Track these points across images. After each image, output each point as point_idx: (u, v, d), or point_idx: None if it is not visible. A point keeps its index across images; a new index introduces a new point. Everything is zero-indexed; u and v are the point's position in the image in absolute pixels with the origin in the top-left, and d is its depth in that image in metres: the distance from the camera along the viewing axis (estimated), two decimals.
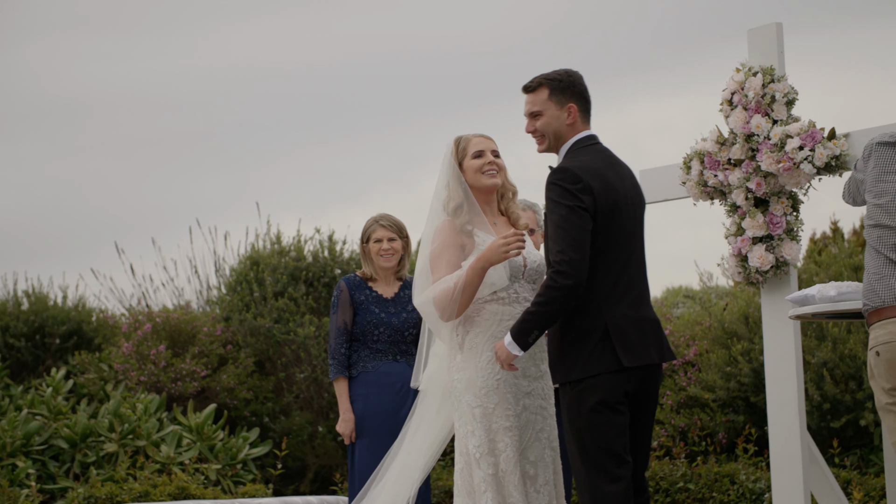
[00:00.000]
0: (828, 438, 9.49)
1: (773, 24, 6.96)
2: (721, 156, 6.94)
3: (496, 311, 5.22)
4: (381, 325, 6.87)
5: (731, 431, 9.98)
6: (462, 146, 5.42)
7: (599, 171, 4.98)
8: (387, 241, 6.91)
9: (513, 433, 5.13)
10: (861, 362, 9.36)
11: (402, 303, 6.95)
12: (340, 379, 6.88)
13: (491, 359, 5.14)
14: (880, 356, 4.79)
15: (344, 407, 6.86)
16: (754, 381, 9.72)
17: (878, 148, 4.96)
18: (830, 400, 9.37)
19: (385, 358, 6.90)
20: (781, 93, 6.80)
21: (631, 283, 4.97)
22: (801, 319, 6.08)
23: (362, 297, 6.91)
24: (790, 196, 6.87)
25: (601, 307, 4.88)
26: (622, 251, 4.97)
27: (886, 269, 4.82)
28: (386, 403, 6.85)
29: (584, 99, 5.16)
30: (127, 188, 20.81)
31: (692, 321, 11.06)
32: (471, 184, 5.38)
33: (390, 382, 6.87)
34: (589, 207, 4.86)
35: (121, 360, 11.75)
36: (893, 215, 4.83)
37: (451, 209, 5.35)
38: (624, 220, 4.99)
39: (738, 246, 6.92)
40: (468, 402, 5.17)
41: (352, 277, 6.97)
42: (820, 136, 6.62)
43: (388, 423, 6.81)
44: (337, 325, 6.91)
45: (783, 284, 6.90)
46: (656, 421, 10.14)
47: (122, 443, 10.03)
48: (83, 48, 19.96)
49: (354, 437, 6.85)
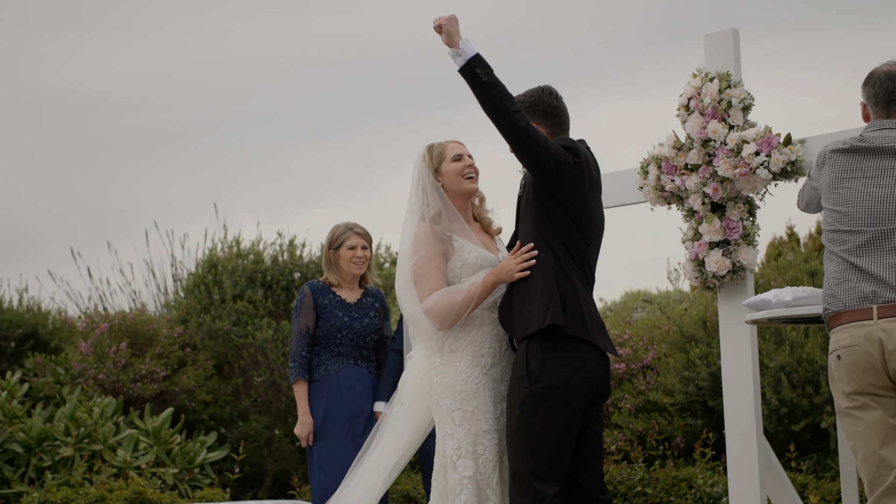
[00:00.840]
0: (785, 442, 9.55)
1: (730, 31, 7.00)
2: (678, 161, 6.98)
3: (477, 316, 5.28)
4: (344, 329, 6.92)
5: (689, 435, 10.02)
6: (438, 151, 5.44)
7: (588, 161, 5.17)
8: (360, 248, 7.01)
9: (493, 436, 5.17)
10: (819, 366, 9.42)
11: (365, 308, 7.01)
12: (301, 381, 6.90)
13: (470, 364, 5.20)
14: (841, 360, 4.83)
15: (303, 409, 6.87)
16: (712, 385, 9.77)
17: (832, 155, 5.01)
18: (788, 404, 9.42)
19: (346, 362, 6.94)
20: (738, 98, 6.84)
21: (586, 280, 5.12)
22: (757, 324, 6.12)
23: (326, 301, 6.95)
24: (747, 201, 6.91)
25: (574, 282, 5.01)
26: (584, 251, 5.12)
27: (847, 273, 4.86)
28: (347, 407, 6.89)
29: (551, 115, 5.25)
30: (83, 190, 20.70)
31: (651, 325, 11.10)
32: (451, 188, 5.41)
33: (351, 386, 6.91)
34: (574, 169, 5.04)
35: (79, 359, 11.67)
36: (853, 221, 4.88)
37: (431, 216, 5.37)
38: (594, 224, 5.19)
39: (696, 251, 6.96)
40: (447, 406, 5.21)
41: (315, 283, 7.03)
42: (776, 141, 6.67)
43: (347, 427, 6.86)
44: (299, 329, 6.94)
45: (740, 289, 6.94)
46: (614, 425, 10.18)
47: (77, 447, 9.98)
48: (42, 47, 19.84)
49: (312, 441, 6.87)
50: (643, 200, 7.26)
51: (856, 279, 4.84)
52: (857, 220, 4.88)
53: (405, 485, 9.78)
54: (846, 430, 4.90)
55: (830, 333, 4.93)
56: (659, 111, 24.26)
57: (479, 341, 5.23)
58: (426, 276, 5.27)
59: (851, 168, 4.94)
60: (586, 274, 5.12)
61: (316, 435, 6.88)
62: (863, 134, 4.99)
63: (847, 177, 4.94)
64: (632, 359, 10.57)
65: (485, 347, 5.22)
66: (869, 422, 4.81)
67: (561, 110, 5.27)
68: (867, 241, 4.84)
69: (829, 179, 5.00)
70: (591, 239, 5.17)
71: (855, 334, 4.80)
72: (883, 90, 5.01)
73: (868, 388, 4.81)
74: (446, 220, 5.36)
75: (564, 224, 5.06)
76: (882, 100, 5.01)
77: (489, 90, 4.93)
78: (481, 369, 5.20)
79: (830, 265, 4.95)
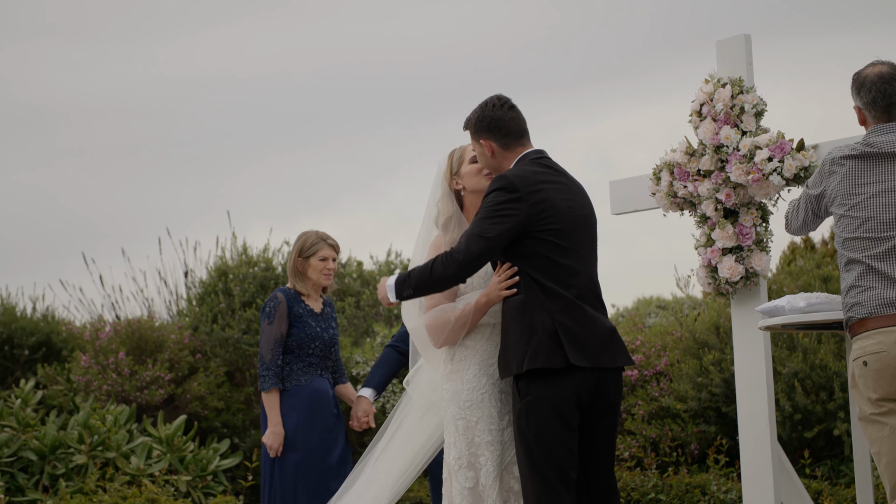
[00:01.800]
0: (799, 449, 9.55)
1: (742, 36, 7.01)
2: (690, 167, 6.99)
3: (488, 324, 5.25)
4: (316, 339, 6.96)
5: (703, 442, 10.01)
6: (458, 155, 5.46)
7: (540, 182, 5.07)
8: (332, 260, 7.05)
9: (494, 448, 5.14)
10: (832, 372, 9.41)
11: (328, 319, 7.10)
12: (275, 391, 6.88)
13: (477, 373, 5.19)
14: (868, 366, 4.82)
15: (276, 420, 6.85)
16: (725, 392, 9.76)
17: (842, 161, 5.00)
18: (802, 410, 9.41)
19: (315, 372, 6.99)
20: (750, 104, 6.85)
21: (580, 292, 5.05)
22: (770, 330, 6.13)
23: (300, 310, 6.98)
24: (759, 207, 6.92)
25: (551, 312, 4.96)
26: (569, 261, 5.05)
27: (871, 279, 4.86)
28: (319, 419, 6.92)
29: (497, 128, 5.21)
30: (96, 197, 20.74)
31: (663, 331, 11.09)
32: (472, 188, 5.41)
33: (321, 398, 6.96)
34: (519, 216, 4.96)
35: (81, 372, 11.70)
36: (876, 227, 4.88)
37: (442, 223, 5.39)
38: (569, 230, 5.07)
39: (708, 257, 6.96)
40: (452, 414, 5.21)
41: (287, 289, 7.04)
42: (789, 147, 6.68)
43: (318, 440, 6.88)
44: (274, 336, 6.91)
45: (753, 295, 6.94)
46: (627, 431, 10.18)
47: (91, 454, 10.00)
48: (51, 55, 19.91)
49: (281, 451, 6.87)
50: (656, 206, 7.27)
51: (882, 285, 4.83)
52: (880, 225, 4.87)
53: (417, 492, 9.79)
54: (870, 437, 4.89)
55: (854, 340, 4.91)
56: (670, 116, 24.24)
57: (488, 350, 5.22)
58: None
59: (865, 174, 4.94)
60: (579, 288, 5.05)
61: (286, 446, 6.88)
62: (868, 139, 4.98)
63: (863, 182, 4.94)
64: (644, 365, 10.57)
65: (493, 358, 5.21)
66: (895, 427, 4.81)
67: (507, 121, 5.21)
68: (893, 247, 4.84)
69: (842, 186, 4.99)
70: (577, 245, 5.10)
71: (883, 340, 4.80)
72: (881, 95, 4.99)
73: (895, 395, 4.81)
74: (457, 227, 5.37)
75: (537, 251, 5.03)
76: (881, 104, 5.00)
77: (423, 286, 5.07)
78: (488, 379, 5.18)
79: (851, 272, 4.94)
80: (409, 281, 5.05)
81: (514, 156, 5.22)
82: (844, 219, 4.97)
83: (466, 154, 5.44)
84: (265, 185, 21.25)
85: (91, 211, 20.55)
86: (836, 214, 5.02)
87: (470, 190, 5.41)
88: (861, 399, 4.91)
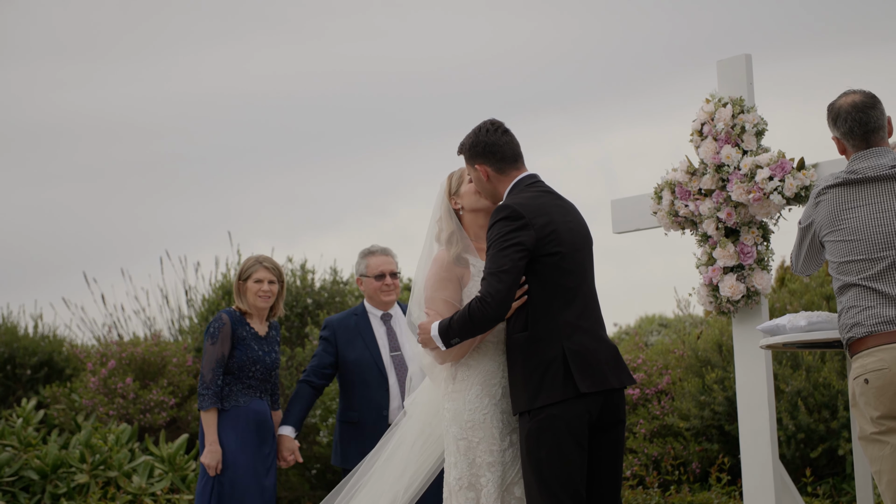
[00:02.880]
0: (801, 468, 9.55)
1: (743, 56, 7.05)
2: (692, 186, 7.02)
3: (491, 343, 5.26)
4: (258, 363, 7.08)
5: (705, 460, 10.02)
6: (457, 176, 5.51)
7: (541, 207, 5.12)
8: (267, 283, 7.18)
9: (496, 468, 5.14)
10: (836, 391, 9.42)
11: (271, 342, 7.21)
12: (213, 410, 7.02)
13: (479, 393, 5.19)
14: (869, 384, 4.84)
15: (212, 438, 6.98)
16: (728, 410, 9.77)
17: (826, 191, 5.06)
18: (804, 429, 9.43)
19: (254, 395, 7.11)
20: (751, 123, 6.88)
21: (585, 313, 5.10)
22: (772, 349, 6.15)
23: (244, 332, 7.10)
24: (761, 226, 6.95)
25: (558, 337, 4.99)
26: (573, 282, 5.10)
27: (868, 300, 4.88)
28: (256, 441, 7.03)
29: (492, 153, 5.26)
30: (97, 216, 20.79)
31: (665, 350, 11.11)
32: (471, 207, 5.44)
33: (260, 420, 7.08)
34: (527, 242, 4.99)
35: (88, 396, 11.73)
36: (868, 248, 4.91)
37: (445, 238, 5.42)
38: (572, 252, 5.12)
39: (710, 275, 6.99)
40: (454, 434, 5.21)
41: (232, 311, 7.17)
42: (789, 166, 6.71)
43: (254, 460, 6.99)
44: (216, 357, 7.03)
45: (754, 314, 6.97)
46: (629, 450, 10.19)
47: (93, 474, 10.01)
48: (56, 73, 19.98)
49: (220, 469, 6.95)
50: (657, 225, 7.30)
51: (880, 304, 4.86)
52: (872, 247, 4.90)
53: None
54: (870, 456, 4.90)
55: (855, 358, 4.93)
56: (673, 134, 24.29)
57: (491, 371, 5.22)
58: (429, 304, 5.32)
59: (851, 199, 4.98)
60: (584, 309, 5.10)
61: (225, 465, 6.97)
62: (851, 167, 5.03)
63: (848, 207, 4.98)
64: (646, 383, 10.59)
65: (496, 377, 5.22)
66: (895, 446, 4.83)
67: (502, 145, 5.25)
68: (888, 267, 4.87)
69: (827, 214, 5.03)
70: (579, 267, 5.15)
71: (885, 357, 4.81)
72: (857, 124, 5.05)
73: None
74: (459, 242, 5.40)
75: (541, 274, 5.07)
76: (858, 133, 5.05)
77: (468, 331, 5.07)
78: (490, 399, 5.19)
79: (847, 295, 4.97)
80: (453, 329, 5.06)
81: (508, 180, 5.27)
82: (835, 244, 5.01)
83: (465, 175, 5.48)
84: (268, 204, 21.30)
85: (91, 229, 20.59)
86: (827, 241, 5.06)
87: (469, 209, 5.44)
88: (862, 418, 4.92)
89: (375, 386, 7.27)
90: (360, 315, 7.46)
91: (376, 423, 7.14)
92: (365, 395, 7.27)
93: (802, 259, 5.33)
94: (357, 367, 7.31)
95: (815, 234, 5.14)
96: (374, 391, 7.26)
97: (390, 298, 7.45)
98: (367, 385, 7.28)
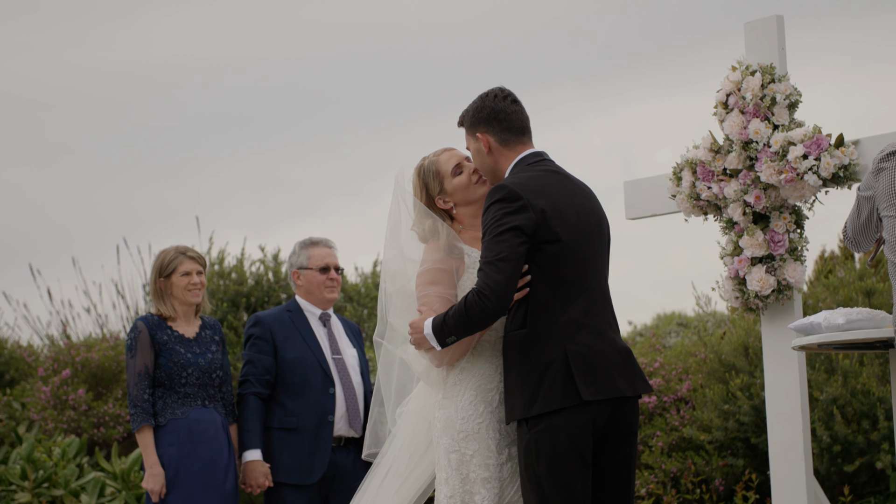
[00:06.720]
0: (838, 484, 9.54)
1: (773, 17, 7.03)
2: (715, 165, 6.99)
3: (488, 343, 5.23)
4: (188, 367, 7.03)
5: (730, 477, 10.01)
6: (433, 172, 5.42)
7: (544, 187, 5.07)
8: (195, 274, 7.13)
9: (492, 485, 5.10)
10: (876, 399, 9.41)
11: (205, 342, 7.14)
12: (146, 428, 7.00)
13: (473, 400, 5.16)
14: None
15: (151, 460, 6.97)
16: (755, 421, 9.76)
17: (890, 157, 5.00)
18: (841, 441, 9.41)
19: (194, 403, 7.06)
20: (783, 94, 6.86)
21: (592, 310, 5.05)
22: (806, 350, 6.13)
23: (165, 336, 7.05)
24: (793, 211, 6.92)
25: (560, 336, 4.95)
26: (578, 274, 5.05)
27: None
28: (202, 453, 7.00)
29: (497, 119, 5.25)
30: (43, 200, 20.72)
31: (685, 352, 11.08)
32: (466, 201, 5.40)
33: (203, 430, 7.04)
34: (525, 227, 4.95)
35: (38, 409, 11.68)
36: None
37: (428, 232, 5.37)
38: (578, 240, 5.07)
39: (736, 267, 6.96)
40: (445, 446, 5.17)
41: (149, 316, 7.16)
42: (826, 143, 6.68)
43: (204, 475, 6.97)
44: (137, 370, 7.01)
45: (786, 311, 6.95)
46: (645, 465, 10.17)
47: (36, 492, 9.98)
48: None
49: (164, 493, 6.92)
50: (676, 210, 7.28)
51: None
52: None
53: None
54: None
55: None
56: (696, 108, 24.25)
57: (487, 375, 5.18)
58: (423, 301, 5.29)
59: None
60: (590, 305, 5.06)
61: (168, 487, 6.93)
62: None
63: None
64: (664, 390, 10.56)
65: (493, 382, 5.18)
66: None
67: (509, 114, 5.24)
68: None
69: (887, 185, 4.99)
70: (586, 257, 5.11)
71: None
72: None
73: None
74: (444, 230, 5.34)
75: (541, 265, 5.04)
76: None
77: (465, 329, 5.04)
78: (486, 406, 5.15)
79: None
80: (448, 327, 5.03)
81: (512, 154, 5.23)
82: (892, 220, 4.96)
83: (443, 167, 5.40)
84: (235, 187, 21.25)
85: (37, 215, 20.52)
86: (886, 217, 5.01)
87: (462, 203, 5.39)
88: None
89: (319, 388, 7.22)
90: (295, 312, 7.41)
91: (319, 430, 7.13)
92: (307, 398, 7.21)
93: (859, 230, 5.28)
94: (298, 366, 7.25)
95: (874, 208, 5.09)
96: (317, 394, 7.21)
97: (333, 296, 7.40)
98: (309, 387, 7.23)
